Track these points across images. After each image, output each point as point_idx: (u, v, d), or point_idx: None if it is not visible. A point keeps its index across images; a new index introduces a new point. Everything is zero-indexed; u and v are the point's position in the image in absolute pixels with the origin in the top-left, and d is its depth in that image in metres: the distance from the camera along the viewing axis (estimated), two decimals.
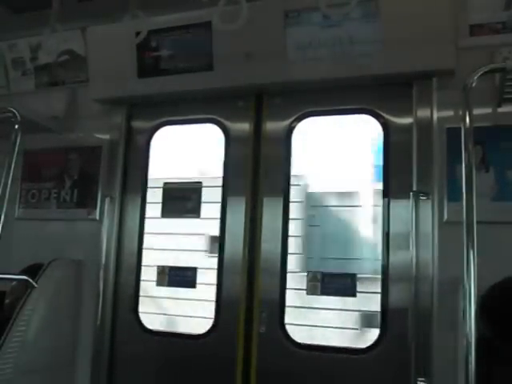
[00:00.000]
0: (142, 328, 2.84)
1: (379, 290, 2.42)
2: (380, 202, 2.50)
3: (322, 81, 2.56)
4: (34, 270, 2.63)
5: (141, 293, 2.89)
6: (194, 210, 2.90)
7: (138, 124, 3.06)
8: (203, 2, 2.24)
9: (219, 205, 2.78)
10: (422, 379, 2.16)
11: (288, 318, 2.56)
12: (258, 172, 2.71)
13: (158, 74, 2.83)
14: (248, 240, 2.67)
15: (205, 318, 2.72)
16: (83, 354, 2.80)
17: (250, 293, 2.61)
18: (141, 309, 2.88)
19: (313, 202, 2.95)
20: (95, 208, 3.00)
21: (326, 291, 2.55)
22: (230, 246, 2.70)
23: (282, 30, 2.53)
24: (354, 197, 2.98)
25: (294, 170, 2.71)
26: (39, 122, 3.01)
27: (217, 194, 2.81)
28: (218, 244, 2.75)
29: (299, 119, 2.72)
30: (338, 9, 2.13)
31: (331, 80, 2.54)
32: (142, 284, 2.90)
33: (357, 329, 2.82)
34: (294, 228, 2.69)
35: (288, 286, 2.60)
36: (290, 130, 2.72)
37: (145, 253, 2.93)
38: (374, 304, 2.45)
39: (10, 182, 2.33)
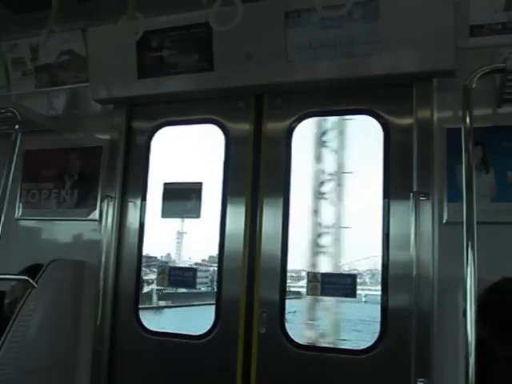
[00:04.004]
0: (141, 328, 2.84)
1: None
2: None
3: (322, 81, 2.57)
4: (34, 271, 2.63)
5: None
6: (194, 211, 2.90)
7: (138, 124, 3.06)
8: (202, 2, 2.25)
9: None
10: (422, 380, 2.16)
11: None
12: (258, 172, 2.71)
13: (158, 74, 2.83)
14: (248, 240, 2.67)
15: None
16: (83, 353, 2.80)
17: (250, 293, 2.61)
18: None
19: None
20: (95, 208, 3.00)
21: (326, 292, 2.56)
22: (230, 246, 2.70)
23: (283, 31, 2.54)
24: None
25: None
26: (39, 122, 3.01)
27: None
28: (218, 244, 2.75)
29: (299, 120, 2.72)
30: (334, 10, 2.13)
31: (331, 81, 2.54)
32: None
33: None
34: None
35: None
36: (290, 131, 2.72)
37: None
38: None
39: (10, 182, 2.33)
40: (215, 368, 2.62)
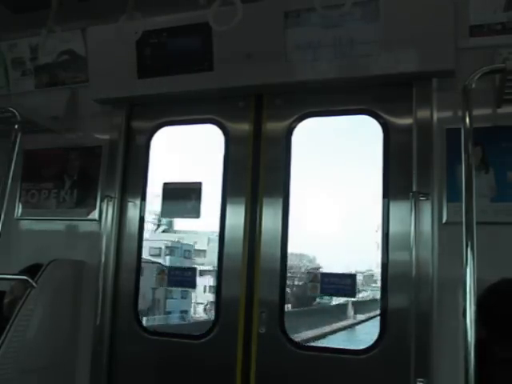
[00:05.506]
0: (141, 328, 2.84)
1: None
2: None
3: (321, 81, 2.57)
4: (33, 270, 2.63)
5: None
6: (193, 211, 2.90)
7: (137, 124, 3.06)
8: (200, 3, 2.25)
9: None
10: (422, 379, 2.16)
11: None
12: (258, 172, 2.71)
13: (157, 74, 2.83)
14: (248, 240, 2.67)
15: None
16: (83, 353, 2.80)
17: (249, 293, 2.61)
18: None
19: None
20: (95, 208, 3.00)
21: (326, 291, 2.56)
22: (230, 246, 2.70)
23: (282, 31, 2.54)
24: None
25: None
26: (39, 122, 3.01)
27: None
28: (218, 244, 2.75)
29: (299, 120, 2.72)
30: (334, 10, 2.13)
31: (331, 80, 2.54)
32: None
33: None
34: None
35: None
36: (290, 131, 2.72)
37: None
38: None
39: (10, 181, 2.33)
40: (215, 368, 2.62)
